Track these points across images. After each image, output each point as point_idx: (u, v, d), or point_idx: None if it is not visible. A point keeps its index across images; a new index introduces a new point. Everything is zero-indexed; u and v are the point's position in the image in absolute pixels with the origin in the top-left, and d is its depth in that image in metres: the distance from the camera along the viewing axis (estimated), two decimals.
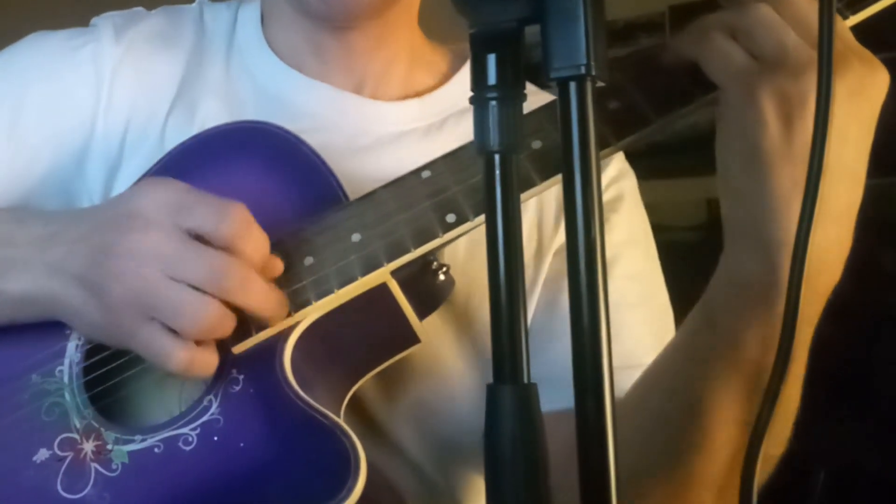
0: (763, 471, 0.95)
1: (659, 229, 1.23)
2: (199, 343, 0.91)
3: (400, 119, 1.17)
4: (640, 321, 1.15)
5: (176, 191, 0.93)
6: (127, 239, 0.91)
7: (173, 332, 0.90)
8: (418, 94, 1.20)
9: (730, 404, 0.90)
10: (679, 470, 0.96)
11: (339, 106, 1.16)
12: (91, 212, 1.00)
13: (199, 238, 0.91)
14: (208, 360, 0.92)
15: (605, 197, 1.17)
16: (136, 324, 0.91)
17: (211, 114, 1.12)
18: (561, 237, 1.17)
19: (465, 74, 0.68)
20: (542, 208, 1.17)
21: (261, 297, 0.92)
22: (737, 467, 0.81)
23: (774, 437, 0.92)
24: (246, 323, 0.95)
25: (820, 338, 0.88)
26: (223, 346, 0.95)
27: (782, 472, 0.94)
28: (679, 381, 0.96)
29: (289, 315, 0.95)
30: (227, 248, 0.91)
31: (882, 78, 0.83)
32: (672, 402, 0.97)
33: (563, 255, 0.61)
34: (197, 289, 0.89)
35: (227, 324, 0.91)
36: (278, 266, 0.95)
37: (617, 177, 1.21)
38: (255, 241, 0.93)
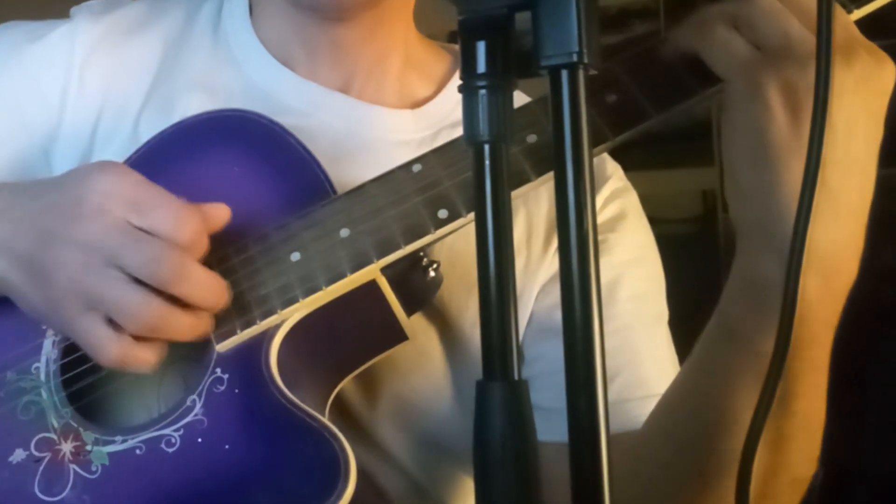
0: (796, 494, 0.95)
1: (653, 222, 1.22)
2: (141, 339, 0.91)
3: (391, 128, 1.16)
4: (656, 345, 1.15)
5: (132, 184, 0.93)
6: (73, 227, 0.91)
7: (114, 324, 0.90)
8: (412, 105, 1.19)
9: None
10: (707, 495, 0.95)
11: (327, 105, 1.15)
12: (41, 189, 0.99)
13: None
14: (144, 358, 0.92)
15: (604, 216, 1.16)
16: (75, 313, 0.91)
17: (193, 106, 1.11)
18: (552, 267, 1.16)
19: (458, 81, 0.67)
20: (530, 227, 1.16)
21: (200, 286, 0.92)
22: (769, 492, 0.80)
23: (802, 457, 0.91)
24: (231, 320, 0.95)
25: None
26: (207, 343, 0.95)
27: None
28: (701, 399, 0.94)
29: (275, 312, 0.95)
30: None
31: (889, 70, 0.82)
32: (695, 423, 0.95)
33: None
34: (139, 281, 0.89)
35: (174, 322, 0.91)
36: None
37: (613, 195, 1.19)
38: (202, 248, 0.93)
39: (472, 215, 0.93)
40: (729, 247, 0.90)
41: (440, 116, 1.18)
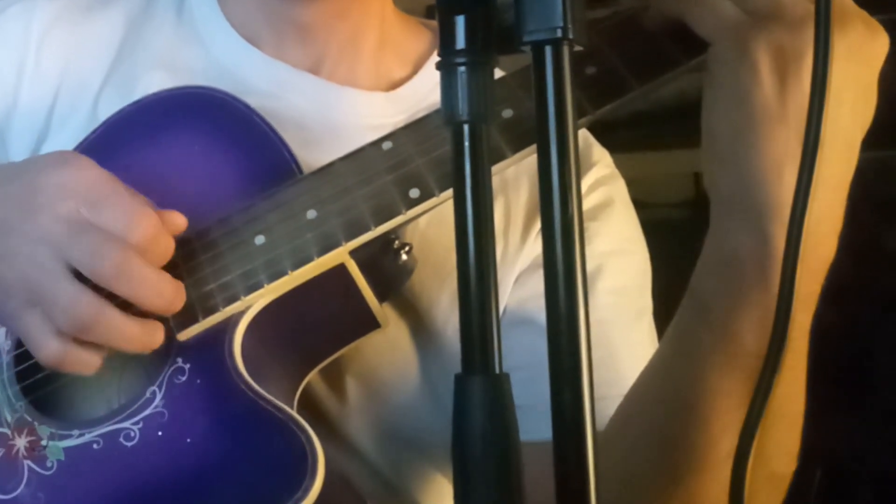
0: (774, 493, 0.95)
1: (641, 206, 1.22)
2: (82, 340, 0.91)
3: (363, 111, 1.16)
4: (635, 342, 1.15)
5: (90, 179, 0.93)
6: (26, 219, 0.92)
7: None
8: (388, 87, 1.19)
9: (729, 409, 0.87)
10: (677, 492, 0.94)
11: (295, 86, 1.15)
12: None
13: None
14: (84, 360, 0.92)
15: (588, 204, 1.16)
16: (19, 308, 0.92)
17: (155, 84, 1.11)
18: (529, 257, 1.16)
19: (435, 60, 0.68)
20: (508, 215, 1.17)
21: (147, 286, 0.91)
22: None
23: (779, 449, 0.91)
24: (192, 307, 0.96)
25: (816, 324, 0.87)
26: (167, 332, 0.96)
27: None
28: (672, 385, 0.94)
29: (238, 299, 0.96)
30: None
31: (882, 42, 0.83)
32: (665, 412, 0.95)
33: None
34: (83, 279, 0.90)
35: (112, 324, 0.90)
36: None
37: (598, 182, 1.19)
38: (160, 251, 0.93)
39: (444, 194, 0.94)
40: None
41: (416, 99, 1.18)
